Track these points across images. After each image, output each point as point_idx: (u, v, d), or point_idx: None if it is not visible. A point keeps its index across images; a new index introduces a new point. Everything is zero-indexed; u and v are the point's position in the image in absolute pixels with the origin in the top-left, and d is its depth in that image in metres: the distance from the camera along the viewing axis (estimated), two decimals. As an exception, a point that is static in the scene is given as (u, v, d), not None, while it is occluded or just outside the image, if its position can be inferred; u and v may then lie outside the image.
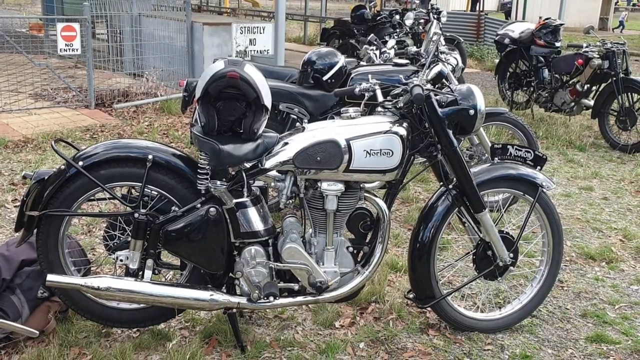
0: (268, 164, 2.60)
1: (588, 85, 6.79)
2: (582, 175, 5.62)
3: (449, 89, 2.78)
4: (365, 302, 3.18)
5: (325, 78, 4.16)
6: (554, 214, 3.01)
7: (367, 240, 2.80)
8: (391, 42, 5.08)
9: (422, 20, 9.67)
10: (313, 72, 4.19)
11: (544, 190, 2.94)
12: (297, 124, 4.15)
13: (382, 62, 4.97)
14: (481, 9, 16.13)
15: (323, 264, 2.69)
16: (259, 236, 2.64)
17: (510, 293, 3.37)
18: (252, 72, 2.52)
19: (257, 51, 8.76)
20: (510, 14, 20.01)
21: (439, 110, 2.70)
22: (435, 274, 2.90)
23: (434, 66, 2.76)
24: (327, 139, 2.57)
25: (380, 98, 2.82)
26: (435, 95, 2.70)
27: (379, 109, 2.85)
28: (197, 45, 8.44)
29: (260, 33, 8.78)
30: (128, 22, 9.07)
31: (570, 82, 7.00)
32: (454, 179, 2.83)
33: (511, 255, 2.92)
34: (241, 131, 2.58)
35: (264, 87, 2.56)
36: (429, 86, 2.73)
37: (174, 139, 6.21)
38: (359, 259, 2.78)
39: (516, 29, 7.63)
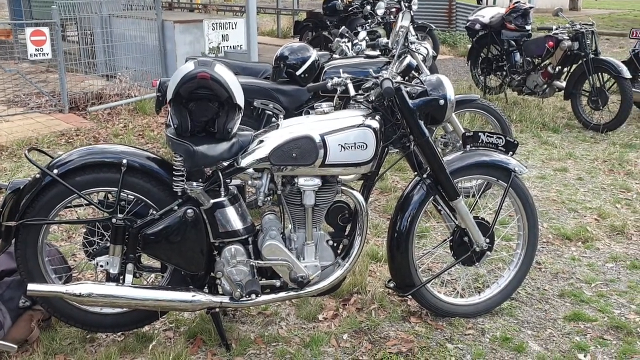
0: (244, 162, 2.62)
1: (559, 67, 6.88)
2: (557, 156, 5.71)
3: (419, 81, 2.81)
4: (348, 294, 3.22)
5: (298, 73, 4.17)
6: (528, 197, 3.07)
7: (346, 233, 2.84)
8: (362, 34, 5.10)
9: (393, 9, 9.71)
10: (286, 68, 4.20)
11: (517, 175, 2.99)
12: (273, 119, 4.17)
13: (354, 55, 4.99)
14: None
15: (304, 259, 2.72)
16: (238, 235, 2.66)
17: (489, 277, 3.43)
18: (223, 72, 2.53)
19: (230, 47, 8.74)
20: (482, -1, 20.11)
21: (410, 102, 2.73)
22: (414, 262, 2.94)
23: (403, 59, 2.78)
24: (302, 135, 2.59)
25: (352, 92, 2.84)
26: (405, 87, 2.74)
27: (352, 102, 2.88)
28: (169, 44, 8.39)
29: (233, 28, 8.76)
30: (98, 24, 8.98)
31: (542, 65, 7.08)
32: (428, 168, 2.87)
33: (487, 240, 2.97)
34: (215, 131, 2.59)
35: (236, 86, 2.57)
36: (398, 79, 2.76)
37: (150, 139, 6.18)
38: (339, 252, 2.82)
39: (486, 14, 7.69)
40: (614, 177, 5.16)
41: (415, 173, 2.93)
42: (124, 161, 2.56)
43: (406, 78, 2.80)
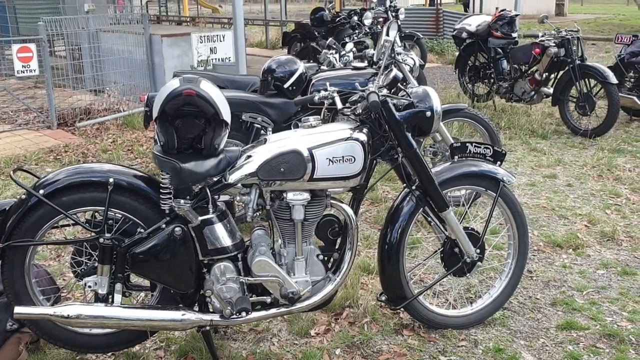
0: (232, 178, 2.60)
1: (546, 74, 6.92)
2: (546, 163, 5.73)
3: (405, 93, 2.81)
4: (340, 308, 3.20)
5: (286, 86, 4.17)
6: (517, 206, 3.07)
7: (336, 247, 2.83)
8: (349, 46, 5.10)
9: (380, 19, 9.75)
10: (274, 81, 4.20)
11: (506, 184, 2.99)
12: (262, 132, 4.16)
13: (342, 66, 5.00)
14: (439, 3, 16.31)
15: (294, 274, 2.70)
16: (228, 252, 2.64)
17: (481, 287, 3.42)
18: (208, 88, 2.52)
19: (219, 59, 8.75)
20: (469, 6, 20.25)
21: (397, 114, 2.73)
22: (405, 274, 2.93)
23: (389, 71, 2.79)
24: (290, 149, 2.58)
25: (339, 105, 2.84)
26: (392, 100, 2.74)
27: (340, 115, 2.88)
28: (157, 58, 8.38)
29: (221, 41, 8.78)
30: (86, 39, 8.96)
31: (529, 72, 7.12)
32: (417, 180, 2.87)
33: (478, 250, 2.97)
34: (202, 148, 2.58)
35: (222, 102, 2.56)
36: (384, 91, 2.76)
37: (139, 154, 6.15)
38: (329, 266, 2.80)
39: (473, 23, 7.73)
40: (603, 182, 5.18)
41: (405, 185, 2.93)
42: (111, 180, 2.54)
43: (392, 90, 2.80)
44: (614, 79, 6.26)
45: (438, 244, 3.09)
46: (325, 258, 2.79)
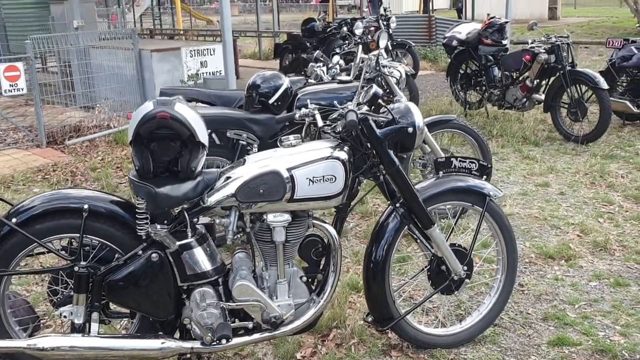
0: (210, 201, 2.54)
1: (537, 80, 6.88)
2: (538, 171, 5.67)
3: (386, 109, 2.76)
4: (327, 329, 3.13)
5: (271, 101, 4.12)
6: (505, 221, 3.01)
7: (321, 268, 2.77)
8: (336, 58, 5.04)
9: (372, 28, 9.73)
10: (258, 96, 4.14)
11: (492, 199, 2.94)
12: (248, 149, 4.11)
13: (329, 79, 4.95)
14: (432, 9, 16.30)
15: (276, 298, 2.64)
16: (207, 277, 2.58)
17: (471, 303, 3.36)
18: (183, 110, 2.46)
19: (210, 73, 8.71)
20: (462, 12, 20.29)
21: (377, 131, 2.68)
22: (391, 293, 2.87)
23: (369, 88, 2.73)
24: (269, 170, 2.53)
25: (319, 123, 2.79)
26: (372, 117, 2.68)
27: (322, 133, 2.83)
28: (147, 73, 8.34)
29: (211, 55, 8.74)
30: (75, 56, 8.91)
31: (520, 79, 7.08)
32: (401, 197, 2.81)
33: (465, 267, 2.91)
34: (179, 171, 2.52)
35: (198, 124, 2.50)
36: (365, 109, 2.71)
37: (128, 171, 6.08)
38: (314, 288, 2.74)
39: (463, 30, 7.70)
40: (596, 190, 5.12)
41: (389, 202, 2.87)
42: (85, 206, 2.48)
43: (373, 107, 2.74)
44: (604, 85, 6.22)
45: (426, 260, 3.03)
46: (309, 280, 2.74)
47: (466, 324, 3.04)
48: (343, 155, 2.61)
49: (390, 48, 9.83)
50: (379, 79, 4.32)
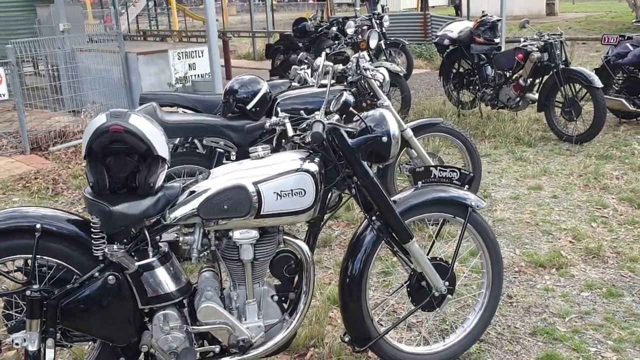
0: (171, 218, 2.39)
1: (531, 79, 6.72)
2: (531, 173, 5.51)
3: (359, 118, 2.60)
4: (303, 348, 2.99)
5: (249, 107, 3.96)
6: (489, 233, 2.86)
7: (294, 285, 2.62)
8: (319, 60, 4.83)
9: (365, 27, 9.56)
10: (236, 102, 3.99)
11: (475, 210, 2.78)
12: (225, 157, 3.96)
13: (313, 82, 4.79)
14: (427, 6, 16.11)
15: (245, 319, 2.49)
16: (171, 298, 2.42)
17: (457, 317, 3.20)
18: (138, 123, 2.31)
19: (198, 75, 8.56)
20: (460, 9, 20.11)
21: (349, 141, 2.52)
22: (369, 311, 2.72)
23: (339, 96, 2.57)
24: (233, 184, 2.38)
25: (289, 132, 2.64)
26: (344, 125, 2.53)
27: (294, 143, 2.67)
28: (133, 76, 8.20)
29: (199, 57, 8.59)
30: (62, 59, 8.76)
31: (513, 78, 6.92)
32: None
33: (447, 283, 2.75)
34: (137, 186, 2.37)
35: (156, 137, 2.35)
36: (336, 117, 2.55)
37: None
38: (286, 307, 2.60)
39: (455, 29, 7.54)
40: (590, 192, 4.97)
41: (366, 215, 2.72)
42: (38, 226, 2.33)
43: (343, 117, 2.59)
44: (599, 83, 6.06)
45: (406, 275, 2.88)
46: (281, 298, 2.59)
47: (450, 341, 2.88)
48: (313, 167, 2.45)
49: (384, 47, 9.69)
50: (362, 82, 4.16)
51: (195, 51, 8.48)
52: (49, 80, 9.30)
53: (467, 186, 2.82)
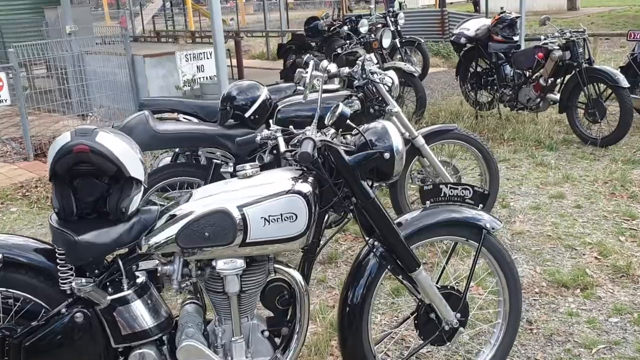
0: (147, 246, 2.14)
1: (552, 79, 6.37)
2: (553, 180, 5.18)
3: (358, 132, 2.32)
4: (301, 382, 2.72)
5: (247, 115, 3.70)
6: (505, 257, 2.57)
7: (287, 319, 2.35)
8: (324, 63, 4.48)
9: (379, 25, 9.26)
10: (233, 110, 3.73)
11: (490, 232, 2.49)
12: (222, 168, 3.71)
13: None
14: (446, 2, 15.74)
15: (232, 359, 2.24)
16: (149, 335, 2.18)
17: (471, 346, 2.91)
18: (107, 141, 2.06)
19: (207, 78, 8.33)
20: (479, 5, 19.69)
21: (347, 158, 2.25)
22: (371, 346, 2.45)
23: (335, 107, 2.30)
24: (215, 209, 2.12)
25: (282, 148, 2.37)
26: (341, 141, 2.25)
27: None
28: (140, 79, 7.99)
29: (207, 58, 8.37)
30: (70, 62, 8.59)
31: (533, 77, 6.58)
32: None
33: (459, 315, 2.47)
34: (109, 212, 2.13)
35: (128, 156, 2.10)
36: (331, 131, 2.27)
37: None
38: (278, 343, 2.33)
39: (471, 27, 7.21)
40: (617, 201, 4.63)
41: (367, 239, 2.44)
42: (0, 256, 2.09)
43: (339, 131, 2.31)
44: (625, 82, 5.70)
45: (413, 304, 2.60)
46: (273, 334, 2.33)
47: (462, 378, 2.60)
48: (306, 188, 2.18)
49: (399, 46, 9.39)
50: (370, 86, 3.87)
51: (203, 53, 8.25)
52: (57, 84, 9.14)
53: (481, 205, 2.53)
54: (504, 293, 2.59)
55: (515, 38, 6.83)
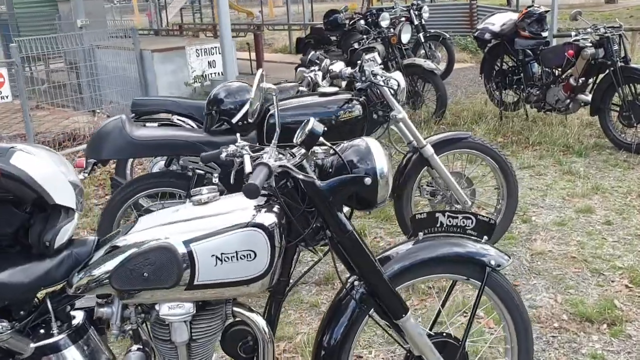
0: (77, 286, 1.80)
1: (583, 79, 5.87)
2: (581, 191, 4.71)
3: (334, 151, 1.94)
4: None
5: (234, 120, 3.35)
6: (514, 297, 2.16)
7: (252, 367, 2.00)
8: (339, 65, 4.05)
9: (403, 19, 8.82)
10: (219, 114, 3.38)
11: (495, 269, 2.09)
12: (206, 179, 3.37)
13: (325, 86, 4.14)
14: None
15: (181, 417, 1.89)
16: (81, 390, 1.84)
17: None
18: (24, 163, 1.72)
19: (217, 74, 8.01)
20: (512, -2, 18.99)
21: (319, 184, 1.87)
22: (351, 405, 2.07)
23: (305, 124, 1.91)
24: (156, 245, 1.77)
25: (247, 168, 1.99)
26: (307, 164, 1.87)
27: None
28: (149, 75, 7.70)
29: (219, 53, 8.01)
30: (82, 56, 8.35)
31: (563, 77, 6.08)
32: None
33: (456, 368, 2.08)
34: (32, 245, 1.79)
35: (53, 180, 1.76)
36: (301, 152, 1.89)
37: (110, 190, 5.44)
38: (239, 398, 1.98)
39: (497, 22, 6.73)
40: (653, 218, 4.16)
41: (348, 277, 2.07)
42: None
43: (310, 152, 1.93)
44: (664, 84, 5.19)
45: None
46: (234, 387, 1.97)
47: None
48: (269, 219, 1.82)
49: (423, 40, 8.96)
50: (374, 88, 3.48)
51: (215, 47, 7.93)
52: (68, 79, 8.95)
53: (485, 237, 2.13)
54: (511, 340, 2.19)
55: (544, 34, 6.33)
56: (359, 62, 3.53)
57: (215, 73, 7.92)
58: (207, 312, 1.87)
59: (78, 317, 1.91)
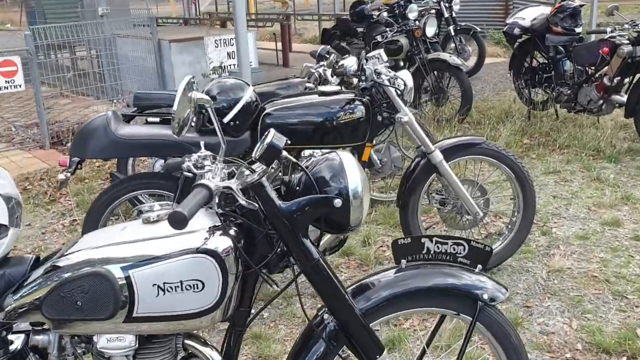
0: (7, 311, 1.61)
1: (618, 78, 5.47)
2: (609, 200, 4.36)
3: (300, 167, 1.69)
4: None
5: (226, 120, 3.12)
6: (510, 334, 1.89)
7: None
8: (351, 60, 3.74)
9: (433, 11, 8.47)
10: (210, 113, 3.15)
11: (489, 304, 1.82)
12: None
13: (334, 82, 3.89)
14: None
15: None
16: None
17: None
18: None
19: (236, 65, 7.79)
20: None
21: (280, 205, 1.63)
22: None
23: (264, 136, 1.66)
24: (92, 270, 1.56)
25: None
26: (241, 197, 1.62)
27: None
28: (167, 65, 7.55)
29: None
30: (102, 45, 8.25)
31: (597, 76, 5.70)
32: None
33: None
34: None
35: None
36: (261, 169, 1.64)
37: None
38: None
39: (527, 16, 6.36)
40: (686, 235, 3.80)
41: (321, 309, 1.83)
42: None
43: (270, 167, 1.68)
44: None
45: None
46: None
47: None
48: (223, 244, 1.59)
49: (453, 34, 8.62)
50: (378, 88, 3.21)
51: (234, 38, 7.69)
52: (91, 67, 8.87)
53: (479, 266, 1.86)
54: (508, 385, 1.93)
55: (578, 29, 5.94)
56: (362, 59, 3.27)
57: (234, 65, 7.70)
58: (154, 345, 1.66)
59: (16, 342, 1.72)
